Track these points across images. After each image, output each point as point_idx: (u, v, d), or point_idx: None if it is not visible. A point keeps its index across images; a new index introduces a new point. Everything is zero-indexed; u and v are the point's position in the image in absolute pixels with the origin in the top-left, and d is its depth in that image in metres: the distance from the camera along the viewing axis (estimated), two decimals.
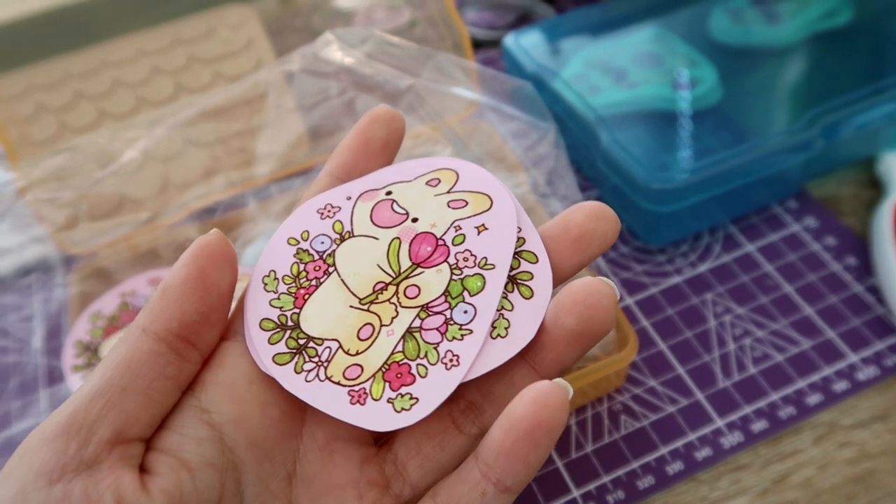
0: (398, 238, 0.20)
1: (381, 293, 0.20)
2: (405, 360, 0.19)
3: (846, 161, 0.38)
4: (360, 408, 0.19)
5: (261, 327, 0.20)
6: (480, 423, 0.20)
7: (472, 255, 0.20)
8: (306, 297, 0.20)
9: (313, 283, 0.20)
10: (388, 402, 0.19)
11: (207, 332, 0.19)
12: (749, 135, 0.36)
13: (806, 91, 0.39)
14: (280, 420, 0.20)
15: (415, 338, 0.19)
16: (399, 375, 0.19)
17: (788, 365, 0.31)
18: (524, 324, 0.19)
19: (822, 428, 0.30)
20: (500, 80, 0.34)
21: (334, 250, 0.21)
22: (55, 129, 0.39)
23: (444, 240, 0.20)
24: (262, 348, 0.19)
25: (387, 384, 0.19)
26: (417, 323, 0.19)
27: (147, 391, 0.18)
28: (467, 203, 0.21)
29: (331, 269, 0.20)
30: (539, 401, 0.17)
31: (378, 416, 0.19)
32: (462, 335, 0.19)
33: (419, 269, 0.20)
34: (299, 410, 0.20)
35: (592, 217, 0.20)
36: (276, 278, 0.20)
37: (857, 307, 0.33)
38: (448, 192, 0.21)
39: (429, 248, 0.20)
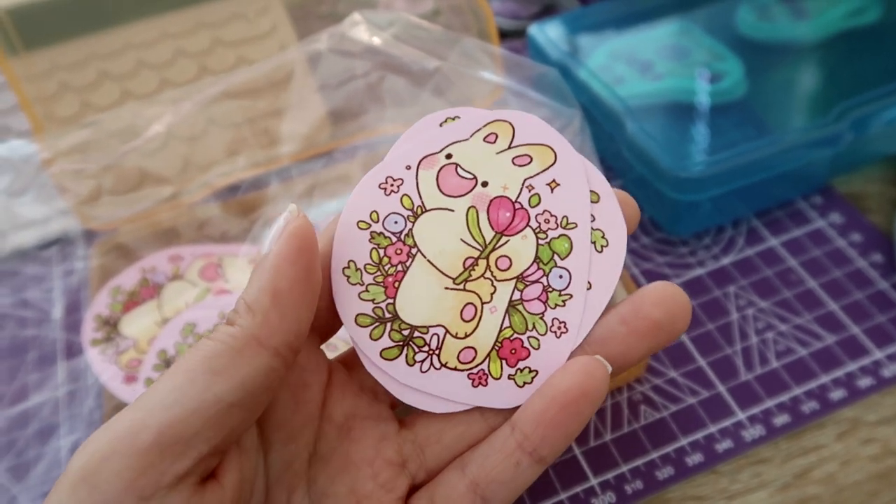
0: (474, 207, 0.20)
1: (473, 269, 0.19)
2: (515, 335, 0.19)
3: (873, 157, 0.38)
4: (484, 389, 0.19)
5: (357, 323, 0.19)
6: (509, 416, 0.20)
7: (552, 215, 0.20)
8: (396, 284, 0.19)
9: (399, 268, 0.19)
10: (509, 378, 0.19)
11: (309, 336, 0.19)
12: (773, 130, 0.36)
13: (831, 88, 0.39)
14: (307, 402, 0.20)
15: (519, 311, 0.19)
16: (513, 351, 0.19)
17: (812, 359, 0.31)
18: (605, 274, 0.19)
19: (845, 424, 0.29)
20: (526, 66, 0.34)
21: (411, 229, 0.20)
22: (79, 108, 0.39)
23: (520, 202, 0.20)
24: (366, 346, 0.19)
25: (503, 361, 0.19)
26: (517, 296, 0.19)
27: (253, 406, 0.17)
28: (532, 158, 0.20)
29: (414, 251, 0.20)
30: (586, 370, 0.18)
31: (503, 394, 0.19)
32: (564, 301, 0.19)
33: (504, 238, 0.20)
34: (322, 390, 0.20)
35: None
36: (357, 269, 0.19)
37: (883, 304, 0.32)
38: (509, 147, 0.20)
39: (508, 214, 0.20)
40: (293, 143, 0.34)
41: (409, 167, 0.20)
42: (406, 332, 0.19)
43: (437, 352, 0.19)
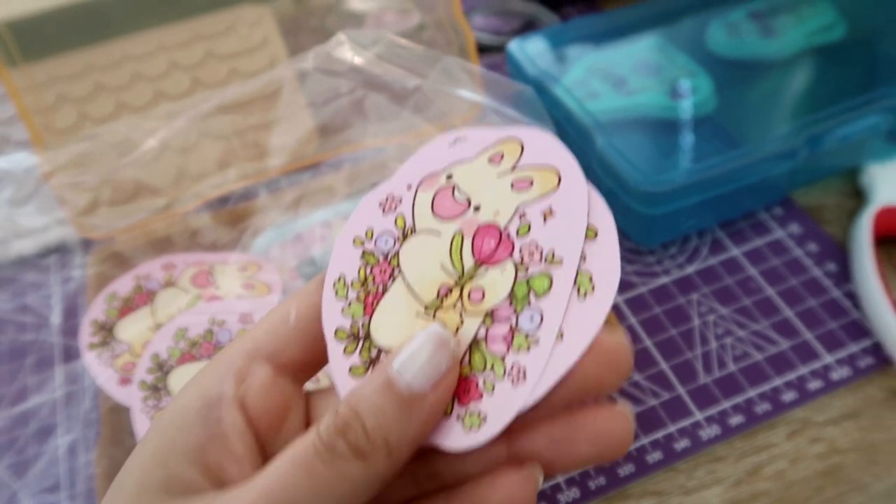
0: (461, 232, 0.19)
1: (446, 298, 0.19)
2: (473, 374, 0.18)
3: (831, 171, 0.40)
4: None
5: (335, 337, 0.19)
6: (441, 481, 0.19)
7: (538, 248, 0.18)
8: (375, 304, 0.19)
9: (380, 288, 0.19)
10: (457, 419, 0.18)
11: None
12: (740, 144, 0.38)
13: (797, 103, 0.41)
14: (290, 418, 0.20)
15: (481, 348, 0.18)
16: (467, 391, 0.18)
17: (767, 364, 0.33)
18: (580, 327, 0.18)
19: (795, 424, 0.31)
20: (503, 84, 0.36)
21: (398, 250, 0.19)
22: (76, 119, 0.40)
23: (508, 231, 0.19)
24: (337, 360, 0.19)
25: (456, 399, 0.18)
26: (483, 332, 0.18)
27: None
28: (533, 182, 0.19)
29: (396, 273, 0.19)
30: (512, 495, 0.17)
31: (448, 434, 0.18)
32: (528, 345, 0.18)
33: (483, 269, 0.19)
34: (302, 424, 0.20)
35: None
36: (345, 284, 0.19)
37: (835, 311, 0.34)
38: (512, 168, 0.19)
39: (492, 243, 0.19)
40: (281, 155, 0.36)
41: (409, 186, 0.20)
42: (374, 353, 0.19)
43: None
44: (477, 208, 0.19)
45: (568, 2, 0.53)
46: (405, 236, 0.20)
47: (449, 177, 0.20)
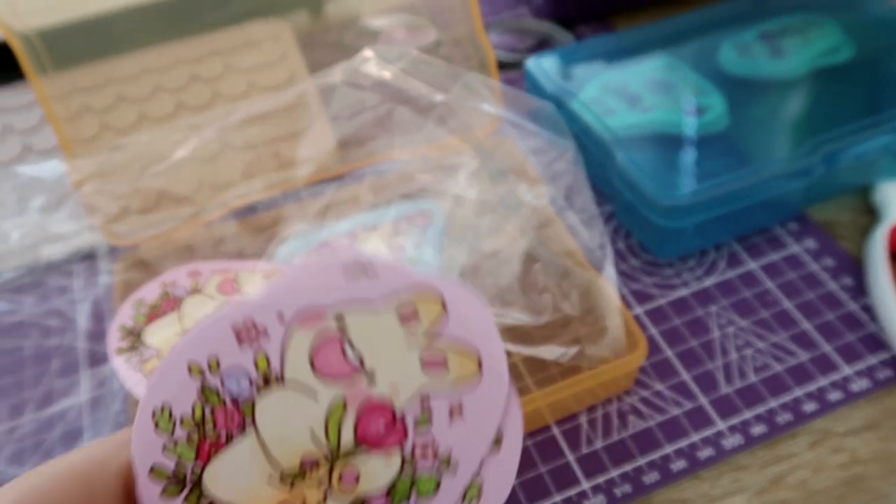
0: (344, 401, 0.16)
1: (310, 472, 0.16)
2: None
3: (844, 188, 0.41)
4: None
5: (151, 475, 0.16)
6: None
7: (433, 445, 0.16)
8: (212, 452, 0.16)
9: (222, 436, 0.16)
10: None
11: None
12: (752, 161, 0.39)
13: (807, 122, 0.42)
14: None
15: None
16: None
17: (787, 375, 0.33)
18: None
19: (816, 434, 0.32)
20: (523, 100, 0.37)
21: (254, 399, 0.16)
22: (98, 129, 0.41)
23: (404, 416, 0.16)
24: (150, 501, 0.16)
25: None
26: None
27: None
28: (447, 365, 0.16)
29: (247, 425, 0.16)
30: None
31: None
32: None
33: (364, 452, 0.16)
34: None
35: None
36: (171, 418, 0.16)
37: (852, 324, 0.35)
38: (427, 338, 0.16)
39: (381, 425, 0.16)
40: (306, 166, 0.37)
41: (281, 317, 0.15)
42: None
43: None
44: (371, 376, 0.16)
45: (581, 21, 0.55)
46: (266, 383, 0.16)
47: (339, 320, 0.16)
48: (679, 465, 0.31)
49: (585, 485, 0.30)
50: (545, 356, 0.34)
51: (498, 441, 0.16)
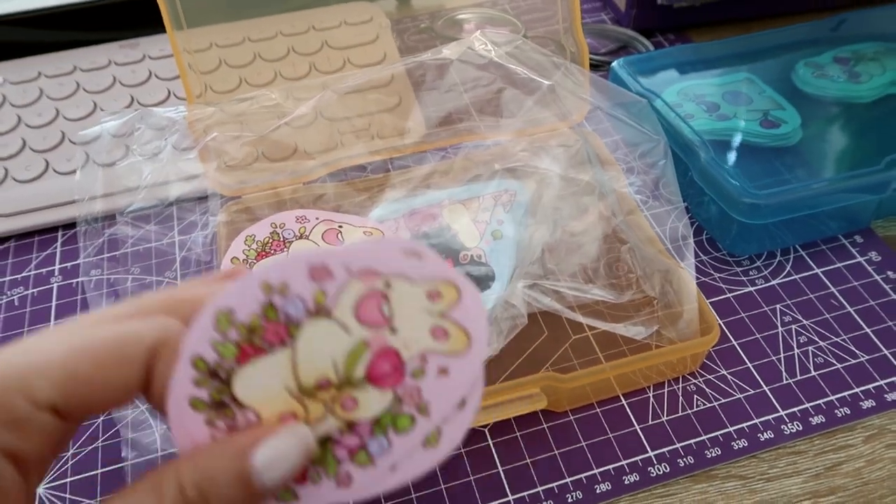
0: (367, 343, 0.19)
1: (321, 391, 0.19)
2: (307, 463, 0.19)
3: None
4: None
5: (192, 363, 0.18)
6: None
7: (419, 394, 0.19)
8: (250, 357, 0.19)
9: (264, 346, 0.19)
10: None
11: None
12: (821, 176, 0.41)
13: (877, 144, 0.44)
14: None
15: (326, 447, 0.19)
16: (300, 477, 0.19)
17: (846, 372, 0.35)
18: (410, 468, 0.19)
19: (872, 429, 0.34)
20: (619, 94, 0.39)
21: (303, 323, 0.19)
22: (235, 83, 0.43)
23: (406, 367, 0.19)
24: (180, 385, 0.18)
25: None
26: (336, 435, 0.19)
27: None
28: (448, 337, 0.19)
29: (288, 343, 0.19)
30: None
31: None
32: (365, 465, 0.19)
33: (367, 385, 0.19)
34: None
35: None
36: (230, 320, 0.18)
37: None
38: (441, 315, 0.19)
39: (387, 368, 0.19)
40: (411, 136, 0.39)
41: (349, 269, 0.19)
42: (225, 399, 0.19)
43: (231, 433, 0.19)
44: (393, 330, 0.19)
45: (661, 31, 0.57)
46: (317, 313, 0.19)
47: (387, 283, 0.19)
48: (740, 443, 0.33)
49: (651, 453, 0.33)
50: (624, 333, 0.36)
51: (462, 403, 0.20)
